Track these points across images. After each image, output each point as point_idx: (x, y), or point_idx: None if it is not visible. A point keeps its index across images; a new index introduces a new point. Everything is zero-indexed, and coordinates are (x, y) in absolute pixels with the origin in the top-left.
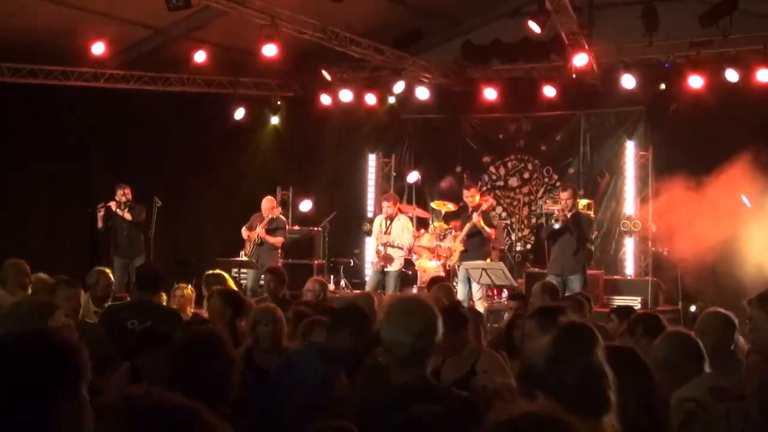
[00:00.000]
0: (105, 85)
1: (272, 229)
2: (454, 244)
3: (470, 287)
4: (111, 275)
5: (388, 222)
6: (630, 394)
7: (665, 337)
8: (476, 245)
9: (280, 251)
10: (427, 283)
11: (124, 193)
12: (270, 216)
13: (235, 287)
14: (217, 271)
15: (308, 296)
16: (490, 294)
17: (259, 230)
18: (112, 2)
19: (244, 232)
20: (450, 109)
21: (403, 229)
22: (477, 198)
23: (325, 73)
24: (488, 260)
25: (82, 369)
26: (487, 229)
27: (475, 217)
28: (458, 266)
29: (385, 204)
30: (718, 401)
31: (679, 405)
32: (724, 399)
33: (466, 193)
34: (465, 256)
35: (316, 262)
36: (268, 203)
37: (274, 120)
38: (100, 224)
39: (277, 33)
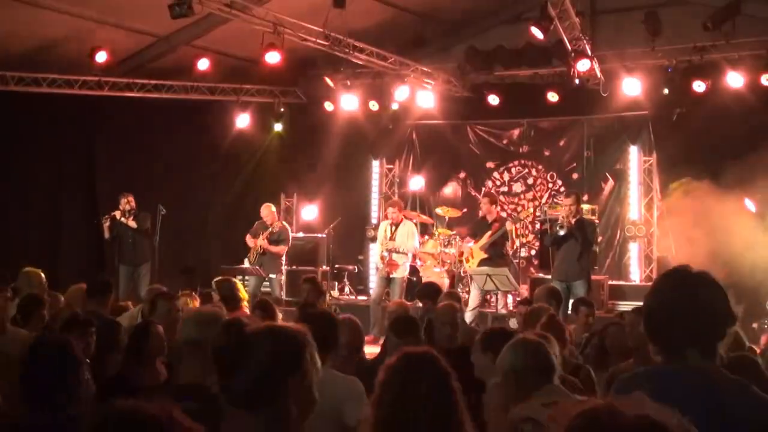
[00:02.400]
0: (108, 93)
1: (274, 240)
2: (473, 246)
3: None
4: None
5: (393, 228)
6: (420, 403)
7: (512, 345)
8: (498, 254)
9: (283, 259)
10: (421, 289)
11: (128, 201)
12: (272, 228)
13: (245, 293)
14: (227, 277)
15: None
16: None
17: (262, 241)
18: (114, 11)
19: (249, 239)
20: (453, 115)
21: (408, 235)
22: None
23: (328, 80)
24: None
25: None
26: (516, 241)
27: (509, 225)
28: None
29: (390, 210)
30: None
31: (515, 428)
32: None
33: (489, 201)
34: (486, 263)
35: (320, 269)
36: (267, 210)
37: (278, 127)
38: (106, 235)
39: (279, 40)
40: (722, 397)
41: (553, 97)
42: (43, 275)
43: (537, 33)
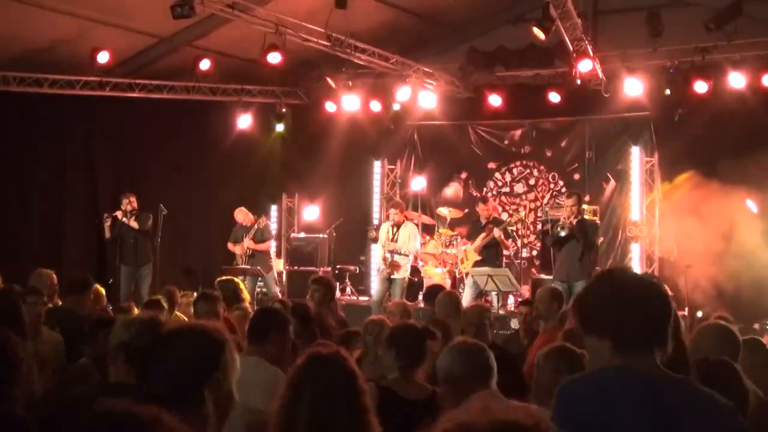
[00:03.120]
0: (110, 94)
1: (259, 239)
2: (467, 248)
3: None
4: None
5: (395, 229)
6: (325, 404)
7: (449, 348)
8: (492, 256)
9: (272, 255)
10: (426, 290)
11: (129, 202)
12: (256, 227)
13: (247, 294)
14: (229, 277)
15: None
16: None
17: (248, 242)
18: (116, 11)
19: (231, 246)
20: (455, 115)
21: (409, 236)
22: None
23: (329, 81)
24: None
25: None
26: (508, 243)
27: (497, 232)
28: (466, 273)
29: (392, 211)
30: None
31: None
32: None
33: (482, 206)
34: (479, 265)
35: (321, 269)
36: (242, 214)
37: (279, 127)
38: (107, 234)
39: (281, 41)
40: (664, 399)
41: (554, 97)
42: (54, 276)
43: (539, 34)
